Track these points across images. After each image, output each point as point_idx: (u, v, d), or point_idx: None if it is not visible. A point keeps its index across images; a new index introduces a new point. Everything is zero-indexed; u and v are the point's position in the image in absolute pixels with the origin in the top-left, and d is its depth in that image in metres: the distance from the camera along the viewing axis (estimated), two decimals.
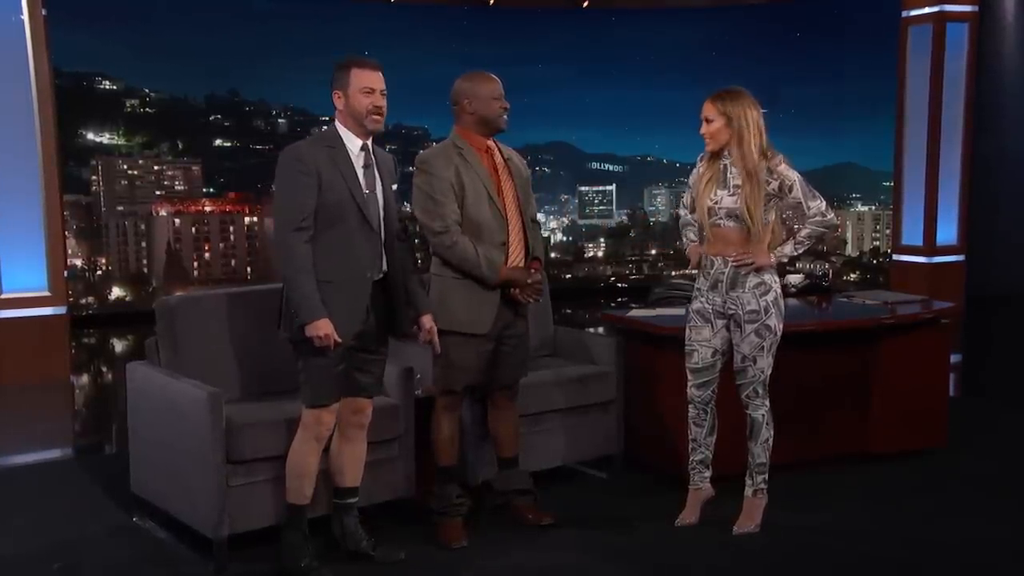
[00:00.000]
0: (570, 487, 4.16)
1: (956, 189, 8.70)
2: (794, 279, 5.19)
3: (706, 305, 3.55)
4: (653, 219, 11.26)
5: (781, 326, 3.53)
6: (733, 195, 3.45)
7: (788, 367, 4.16)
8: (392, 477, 3.64)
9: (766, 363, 3.50)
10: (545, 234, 10.93)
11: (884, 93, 9.22)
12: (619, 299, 10.01)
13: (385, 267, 3.21)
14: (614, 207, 11.21)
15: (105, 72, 9.31)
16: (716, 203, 3.48)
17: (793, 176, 3.45)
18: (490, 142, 3.56)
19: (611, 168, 11.31)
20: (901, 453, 4.40)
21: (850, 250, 10.82)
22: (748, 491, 3.61)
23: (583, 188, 11.13)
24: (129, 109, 9.41)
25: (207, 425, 3.23)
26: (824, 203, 3.50)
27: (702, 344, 3.57)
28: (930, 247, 8.73)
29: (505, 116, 3.53)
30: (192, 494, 3.37)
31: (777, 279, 3.54)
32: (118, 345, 8.23)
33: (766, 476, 3.60)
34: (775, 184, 3.44)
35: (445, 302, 3.45)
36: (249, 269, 9.63)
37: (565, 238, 11.18)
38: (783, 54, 10.28)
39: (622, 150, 11.28)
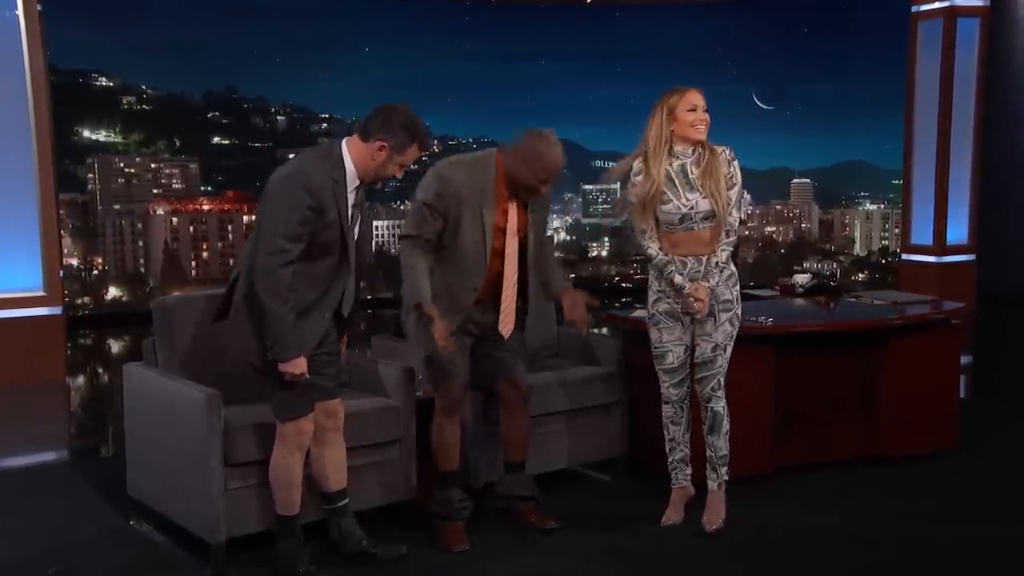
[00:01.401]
0: (573, 490, 4.16)
1: (967, 187, 8.69)
2: (801, 279, 5.18)
3: (675, 305, 3.58)
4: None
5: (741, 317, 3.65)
6: (706, 197, 3.47)
7: (796, 368, 4.17)
8: (392, 480, 3.63)
9: (730, 353, 3.58)
10: (548, 233, 10.95)
11: (893, 90, 9.21)
12: (623, 299, 10.01)
13: (351, 304, 3.23)
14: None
15: (101, 69, 9.32)
16: (692, 207, 3.48)
17: (739, 178, 3.52)
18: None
19: (615, 166, 11.32)
20: (912, 455, 4.40)
21: (858, 249, 10.81)
22: (713, 485, 3.64)
23: (587, 186, 11.14)
24: (126, 106, 9.43)
25: (205, 427, 3.22)
26: (739, 221, 3.57)
27: (675, 344, 3.61)
28: (940, 246, 8.71)
29: (540, 189, 3.42)
30: (189, 497, 3.37)
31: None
32: (114, 346, 8.23)
33: (728, 468, 3.64)
34: (728, 175, 3.48)
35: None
36: None
37: (569, 237, 11.19)
38: (790, 50, 10.28)
39: (627, 148, 11.21)
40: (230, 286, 3.18)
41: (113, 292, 9.22)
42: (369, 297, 8.33)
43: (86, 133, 9.27)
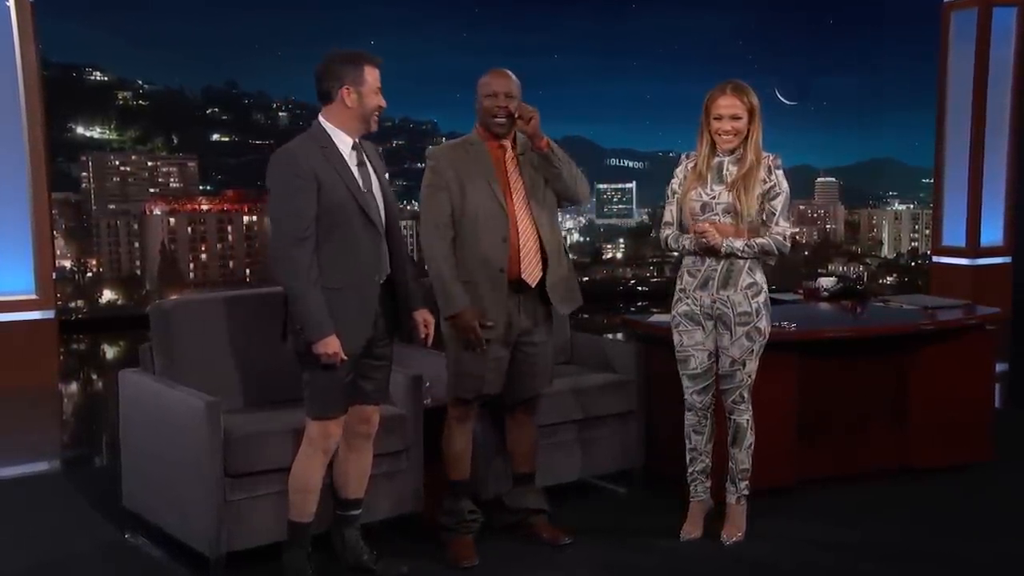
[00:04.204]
0: (587, 503, 4.15)
1: (1002, 186, 8.64)
2: (826, 282, 5.17)
3: (694, 307, 3.59)
4: None
5: (769, 329, 3.60)
6: (731, 191, 3.50)
7: (822, 376, 4.16)
8: (399, 491, 3.64)
9: (754, 367, 3.57)
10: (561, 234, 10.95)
11: (924, 84, 9.21)
12: (639, 303, 10.02)
13: (388, 268, 3.23)
14: (634, 206, 11.23)
15: (96, 63, 9.40)
16: (713, 198, 3.52)
17: (785, 187, 3.54)
18: (505, 141, 3.56)
19: (631, 164, 11.34)
20: (943, 468, 4.37)
21: (886, 251, 10.78)
22: (731, 498, 3.66)
23: (601, 186, 11.16)
24: (121, 102, 9.49)
25: (204, 436, 3.24)
26: (792, 232, 3.58)
27: (697, 349, 3.61)
28: (973, 248, 8.67)
29: (499, 119, 3.46)
30: (188, 509, 3.38)
31: (765, 280, 3.59)
32: (109, 351, 8.27)
33: (748, 482, 3.65)
34: (768, 184, 3.50)
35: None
36: (248, 271, 9.68)
37: (582, 238, 11.20)
38: (815, 42, 10.27)
39: (642, 145, 11.33)
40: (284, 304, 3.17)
41: (108, 295, 9.28)
42: None
43: (80, 130, 9.34)
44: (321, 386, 3.12)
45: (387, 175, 3.30)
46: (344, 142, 3.16)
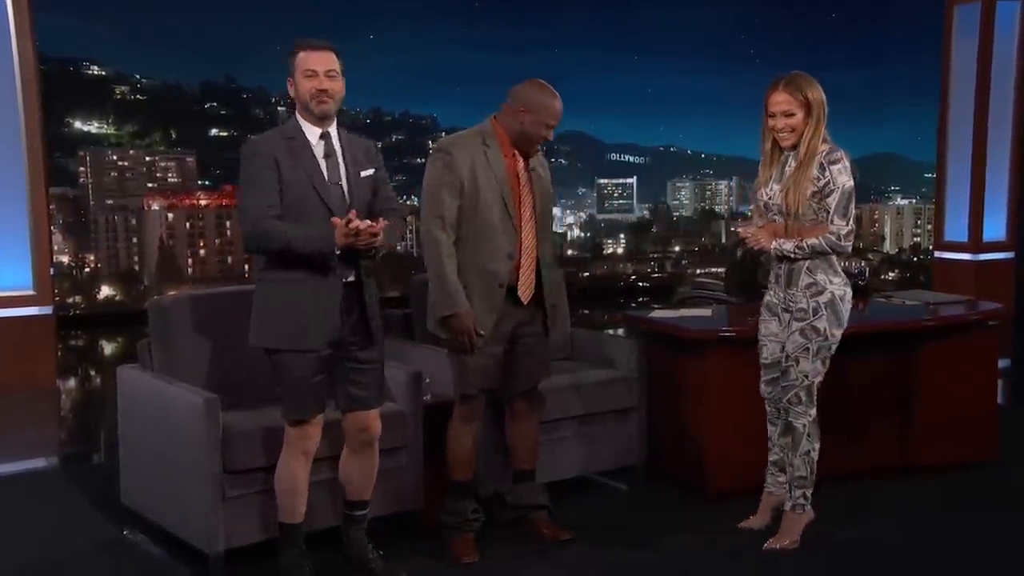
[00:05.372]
0: (588, 499, 4.16)
1: (1005, 181, 8.64)
2: None
3: (774, 299, 3.61)
4: (676, 214, 11.24)
5: (836, 332, 3.51)
6: (783, 191, 3.47)
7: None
8: (398, 489, 3.64)
9: (810, 368, 3.51)
10: (561, 230, 10.93)
11: (927, 79, 9.19)
12: (640, 299, 10.02)
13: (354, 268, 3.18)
14: (635, 201, 11.21)
15: (93, 57, 9.39)
16: (771, 198, 3.52)
17: (841, 183, 3.42)
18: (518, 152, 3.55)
19: (632, 159, 11.33)
20: (945, 466, 4.38)
21: (888, 247, 10.78)
22: (787, 505, 3.64)
23: (602, 181, 11.15)
24: (119, 96, 9.49)
25: (203, 433, 3.24)
26: (848, 229, 3.47)
27: (770, 339, 3.63)
28: (976, 243, 8.67)
29: (539, 143, 3.52)
30: (186, 506, 3.39)
31: (836, 281, 3.49)
32: (107, 347, 8.28)
33: (807, 491, 3.61)
34: (822, 182, 3.42)
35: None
36: (247, 267, 9.68)
37: (582, 234, 11.20)
38: (818, 37, 10.26)
39: (644, 140, 11.33)
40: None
41: (106, 291, 9.28)
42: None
43: (77, 125, 9.33)
44: (291, 388, 3.11)
45: (370, 171, 3.22)
46: (312, 132, 3.17)
